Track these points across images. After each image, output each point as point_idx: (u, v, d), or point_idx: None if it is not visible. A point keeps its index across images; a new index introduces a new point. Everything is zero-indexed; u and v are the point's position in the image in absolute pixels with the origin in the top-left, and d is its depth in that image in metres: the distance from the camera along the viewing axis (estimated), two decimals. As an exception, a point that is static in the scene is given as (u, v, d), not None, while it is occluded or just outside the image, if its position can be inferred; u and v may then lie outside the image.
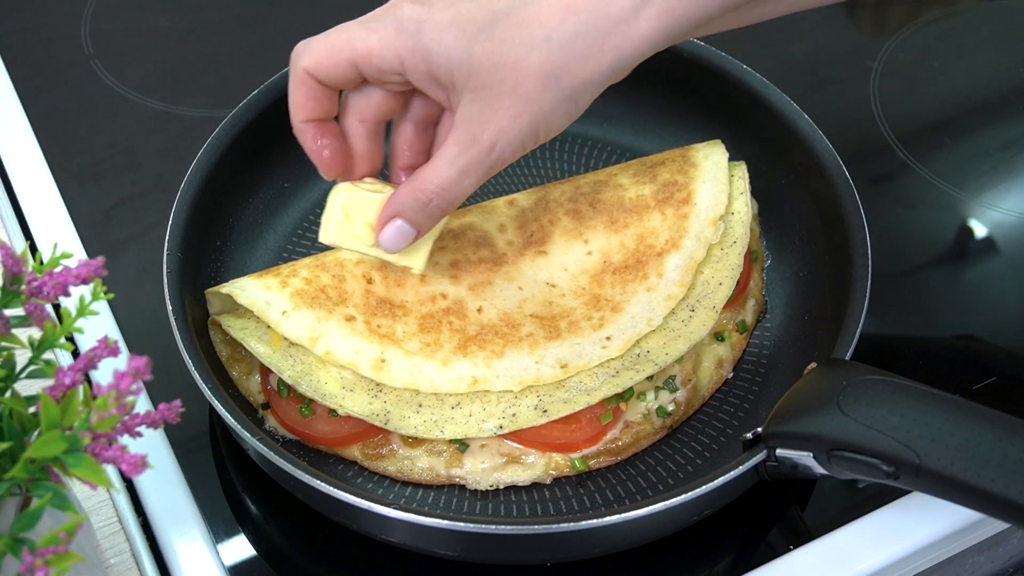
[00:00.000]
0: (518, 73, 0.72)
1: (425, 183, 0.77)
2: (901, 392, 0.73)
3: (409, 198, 0.78)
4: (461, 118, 0.74)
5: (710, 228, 0.93)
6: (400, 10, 0.73)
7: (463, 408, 0.86)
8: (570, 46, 0.71)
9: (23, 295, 0.64)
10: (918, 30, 1.22)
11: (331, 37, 0.77)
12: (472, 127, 0.74)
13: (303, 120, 0.80)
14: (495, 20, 0.71)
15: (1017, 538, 0.94)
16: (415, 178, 0.78)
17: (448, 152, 0.76)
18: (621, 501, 0.86)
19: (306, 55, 0.77)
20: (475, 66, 0.72)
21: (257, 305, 0.88)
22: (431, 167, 0.77)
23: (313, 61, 0.77)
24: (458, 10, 0.72)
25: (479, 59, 0.71)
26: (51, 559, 0.56)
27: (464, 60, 0.72)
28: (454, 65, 0.72)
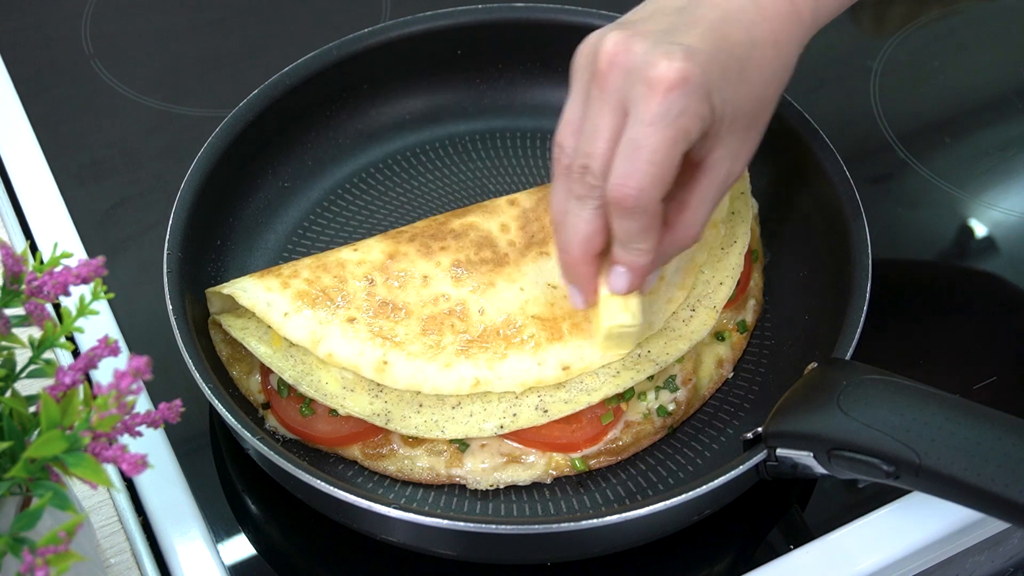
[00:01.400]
0: (762, 107, 0.80)
1: (690, 228, 0.80)
2: (901, 392, 0.73)
3: (676, 247, 0.81)
4: (717, 160, 0.78)
5: (711, 231, 0.93)
6: (688, 81, 0.72)
7: (464, 408, 0.86)
8: (786, 71, 0.81)
9: (23, 294, 0.64)
10: (918, 30, 1.22)
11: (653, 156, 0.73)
12: (728, 164, 0.78)
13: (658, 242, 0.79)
14: (744, 66, 0.76)
15: (1017, 538, 0.94)
16: (675, 228, 0.79)
17: (707, 192, 0.79)
18: (621, 501, 0.86)
19: (656, 190, 0.74)
20: (739, 111, 0.77)
21: (258, 306, 0.88)
22: (693, 212, 0.79)
23: (664, 187, 0.75)
24: (720, 63, 0.75)
25: (742, 103, 0.77)
26: (51, 558, 0.56)
27: (733, 108, 0.76)
28: (727, 114, 0.76)
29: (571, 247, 0.80)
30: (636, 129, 0.73)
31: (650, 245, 0.78)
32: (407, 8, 1.13)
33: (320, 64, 1.02)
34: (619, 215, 0.76)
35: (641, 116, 0.73)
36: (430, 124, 1.09)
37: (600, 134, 0.75)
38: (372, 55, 1.04)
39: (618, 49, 0.74)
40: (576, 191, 0.78)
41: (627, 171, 0.73)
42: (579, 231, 0.78)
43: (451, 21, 1.06)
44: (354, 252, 0.92)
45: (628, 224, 0.76)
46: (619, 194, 0.74)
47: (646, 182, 0.73)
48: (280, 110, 1.00)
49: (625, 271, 0.79)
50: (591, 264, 0.81)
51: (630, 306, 0.82)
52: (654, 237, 0.77)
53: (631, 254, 0.78)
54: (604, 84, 0.75)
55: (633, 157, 0.73)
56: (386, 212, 1.04)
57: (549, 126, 1.08)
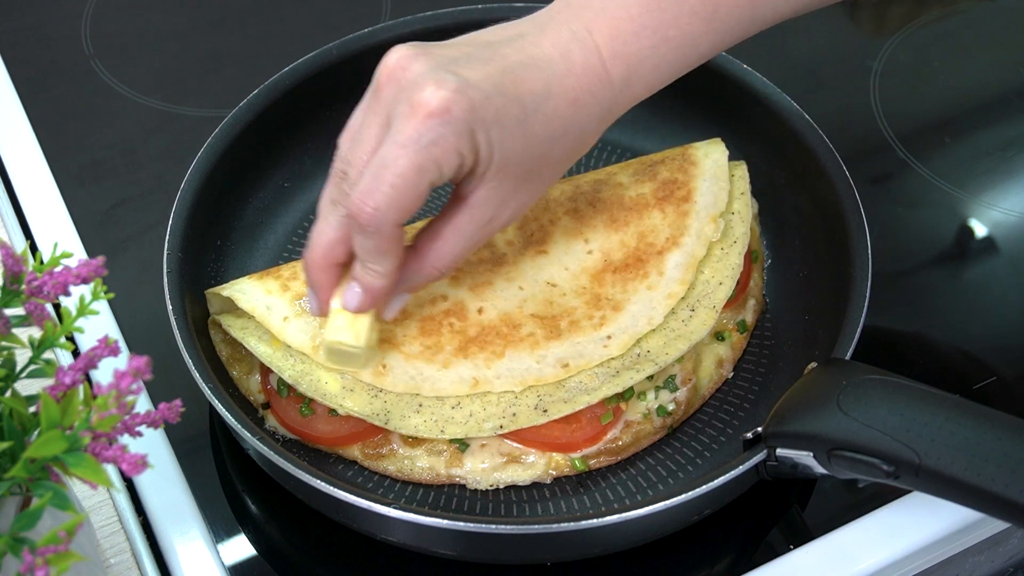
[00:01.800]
0: (543, 163, 0.78)
1: (439, 260, 0.79)
2: (901, 392, 0.73)
3: (420, 275, 0.80)
4: (481, 200, 0.76)
5: (710, 226, 0.93)
6: (450, 112, 0.71)
7: (463, 408, 0.86)
8: (580, 135, 0.78)
9: (23, 294, 0.64)
10: (918, 30, 1.22)
11: (395, 180, 0.72)
12: (493, 208, 0.77)
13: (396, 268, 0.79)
14: (526, 117, 0.75)
15: (1017, 538, 0.94)
16: (424, 256, 0.79)
17: (464, 229, 0.78)
18: (621, 501, 0.86)
19: (392, 212, 0.73)
20: (510, 159, 0.75)
21: (258, 310, 0.88)
22: (444, 243, 0.78)
23: (401, 212, 0.73)
24: (495, 105, 0.73)
25: (515, 153, 0.75)
26: (51, 558, 0.56)
27: (503, 154, 0.74)
28: (495, 158, 0.74)
29: (313, 250, 0.79)
30: (387, 148, 0.72)
31: (385, 268, 0.77)
32: (407, 8, 1.13)
33: (320, 64, 1.02)
34: (356, 230, 0.75)
35: (395, 136, 0.72)
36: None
37: (363, 145, 0.74)
38: (372, 55, 1.03)
39: (399, 64, 0.74)
40: (332, 195, 0.77)
41: (369, 188, 0.72)
42: (323, 235, 0.78)
43: (451, 21, 1.05)
44: (354, 252, 0.92)
45: (363, 241, 0.75)
46: (356, 209, 0.73)
47: (383, 203, 0.72)
48: (280, 110, 1.00)
49: (359, 290, 0.78)
50: (329, 272, 0.80)
51: (356, 326, 0.80)
52: (391, 261, 0.76)
53: (366, 273, 0.77)
54: (379, 95, 0.74)
55: (377, 175, 0.72)
56: (386, 212, 1.04)
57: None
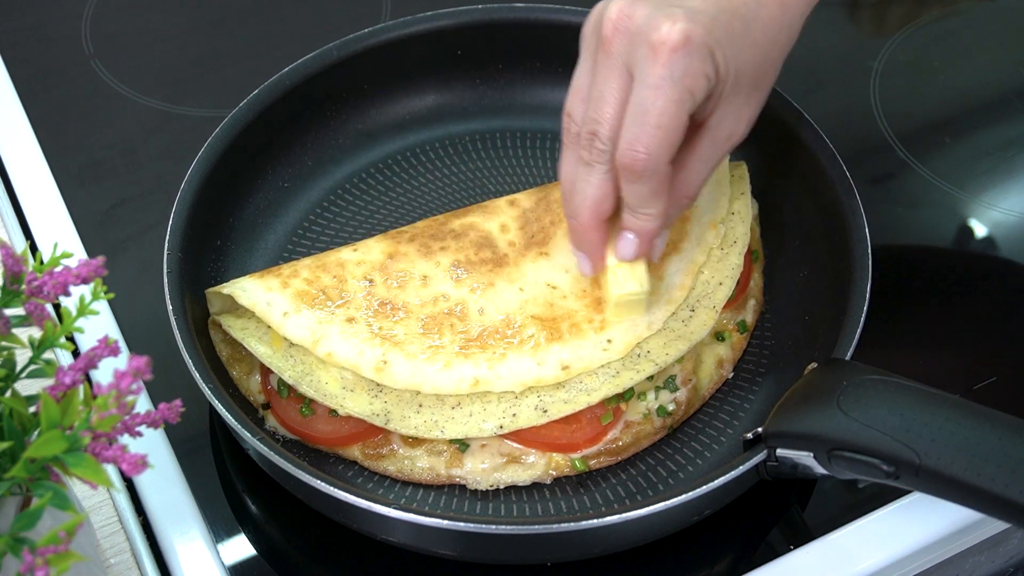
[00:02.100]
0: (766, 68, 0.80)
1: (690, 188, 0.81)
2: (901, 392, 0.73)
3: (676, 208, 0.82)
4: (718, 121, 0.79)
5: (710, 232, 0.93)
6: (691, 41, 0.73)
7: (463, 408, 0.86)
8: (791, 34, 0.80)
9: (23, 295, 0.64)
10: (918, 30, 1.22)
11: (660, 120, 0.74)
12: (730, 125, 0.79)
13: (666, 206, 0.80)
14: (748, 26, 0.77)
15: (1017, 538, 0.94)
16: (675, 188, 0.80)
17: (706, 153, 0.80)
18: (621, 501, 0.86)
19: (665, 152, 0.75)
20: (742, 71, 0.77)
21: (258, 306, 0.88)
22: (691, 172, 0.80)
23: (672, 149, 0.76)
24: (722, 23, 0.75)
25: (746, 63, 0.77)
26: (51, 558, 0.56)
27: (737, 67, 0.77)
28: (730, 73, 0.76)
29: (580, 213, 0.81)
30: (642, 93, 0.74)
31: (659, 209, 0.79)
32: (407, 8, 1.13)
33: (320, 64, 1.02)
34: (629, 179, 0.77)
35: (646, 79, 0.74)
36: (430, 124, 1.09)
37: (607, 100, 0.76)
38: (372, 55, 1.04)
39: (621, 15, 0.75)
40: (585, 157, 0.79)
41: (635, 135, 0.74)
42: (588, 196, 0.80)
43: (451, 21, 1.06)
44: (354, 252, 0.92)
45: (638, 188, 0.77)
46: (629, 159, 0.75)
47: (655, 145, 0.74)
48: (280, 110, 1.00)
49: (633, 237, 0.81)
50: (600, 230, 0.82)
51: (637, 273, 0.83)
52: (663, 201, 0.79)
53: (639, 219, 0.79)
54: (609, 50, 0.76)
55: (641, 121, 0.74)
56: (386, 212, 1.04)
57: (549, 126, 1.09)
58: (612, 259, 0.84)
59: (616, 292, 0.84)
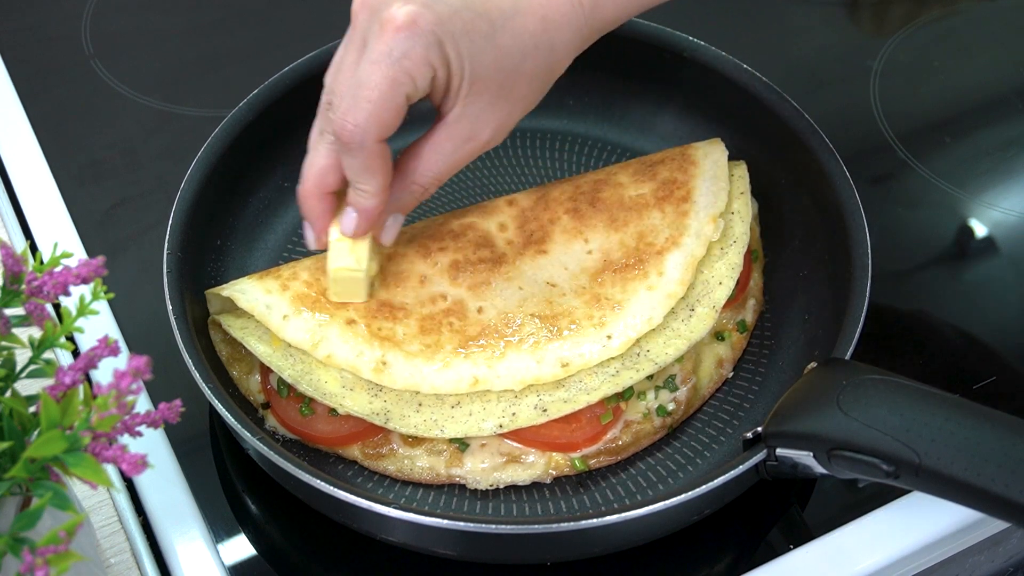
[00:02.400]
0: (515, 77, 0.79)
1: (421, 176, 0.82)
2: (901, 392, 0.73)
3: (406, 193, 0.83)
4: (457, 117, 0.80)
5: (710, 225, 0.93)
6: (417, 25, 0.74)
7: (463, 407, 0.86)
8: (551, 51, 0.80)
9: (23, 295, 0.64)
10: (918, 30, 1.22)
11: (371, 93, 0.76)
12: (470, 126, 0.80)
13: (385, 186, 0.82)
14: (494, 31, 0.77)
15: (1017, 538, 0.94)
16: (407, 174, 0.82)
17: (443, 146, 0.81)
18: (621, 501, 0.86)
19: (372, 126, 0.77)
20: (482, 72, 0.78)
21: (258, 309, 0.88)
22: (424, 161, 0.81)
23: (381, 126, 0.77)
24: (463, 19, 0.76)
25: (486, 66, 0.78)
26: (51, 558, 0.56)
27: (474, 67, 0.77)
28: (466, 72, 0.77)
29: (305, 179, 0.83)
30: (362, 67, 0.76)
31: (374, 187, 0.80)
32: (407, 8, 1.13)
33: (320, 64, 1.01)
34: (343, 151, 0.79)
35: (369, 55, 0.76)
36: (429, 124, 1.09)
37: (343, 72, 0.78)
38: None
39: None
40: (319, 125, 0.82)
41: (348, 106, 0.76)
42: (314, 164, 0.82)
43: (451, 21, 1.05)
44: (354, 252, 0.92)
45: (351, 160, 0.79)
46: (338, 127, 0.77)
47: (361, 118, 0.76)
48: (280, 110, 1.00)
49: (353, 212, 0.82)
50: (321, 200, 0.84)
51: (357, 250, 0.85)
52: (378, 179, 0.80)
53: (357, 194, 0.81)
54: (354, 23, 0.78)
55: (355, 94, 0.76)
56: (386, 212, 1.04)
57: (549, 126, 1.09)
58: (335, 233, 0.85)
59: (331, 266, 0.85)
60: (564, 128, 1.09)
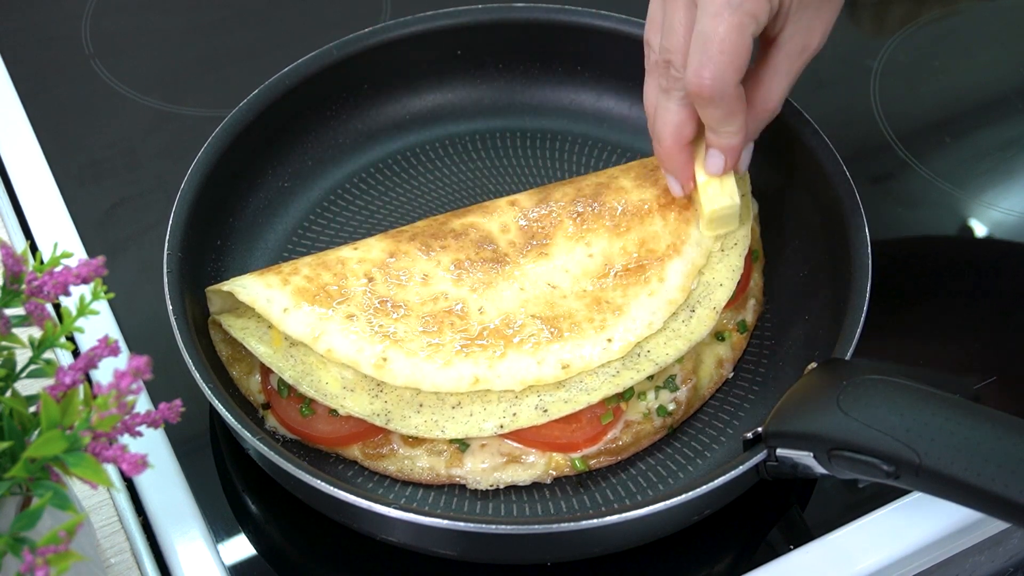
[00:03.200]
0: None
1: (769, 101, 0.85)
2: (901, 392, 0.73)
3: (758, 120, 0.86)
4: (791, 35, 0.82)
5: (710, 230, 0.93)
6: None
7: (464, 408, 0.86)
8: None
9: (23, 294, 0.64)
10: (918, 30, 1.22)
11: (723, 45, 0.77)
12: (802, 39, 0.82)
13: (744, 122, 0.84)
14: None
15: (1017, 538, 0.94)
16: (756, 103, 0.84)
17: (782, 67, 0.83)
18: (621, 501, 0.86)
19: (731, 75, 0.78)
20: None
21: (258, 302, 0.88)
22: (768, 87, 0.84)
23: (738, 72, 0.79)
24: None
25: None
26: (51, 558, 0.56)
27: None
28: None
29: (663, 137, 0.86)
30: (703, 21, 0.77)
31: (737, 126, 0.83)
32: (407, 8, 1.13)
33: (320, 64, 1.02)
34: (701, 104, 0.81)
35: (706, 7, 0.77)
36: (430, 124, 1.09)
37: (676, 29, 0.80)
38: (372, 55, 1.04)
39: None
40: (663, 85, 0.84)
41: (700, 62, 0.78)
42: (668, 122, 0.85)
43: (451, 21, 1.06)
44: (354, 251, 0.92)
45: (712, 111, 0.81)
46: (696, 86, 0.79)
47: (719, 70, 0.78)
48: (280, 110, 1.00)
49: (719, 153, 0.85)
50: (684, 151, 0.87)
51: (727, 188, 0.88)
52: (740, 118, 0.82)
53: (722, 137, 0.84)
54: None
55: (704, 49, 0.78)
56: (386, 212, 1.04)
57: (549, 126, 1.09)
58: (702, 176, 0.88)
59: (709, 208, 0.89)
60: (564, 128, 1.09)
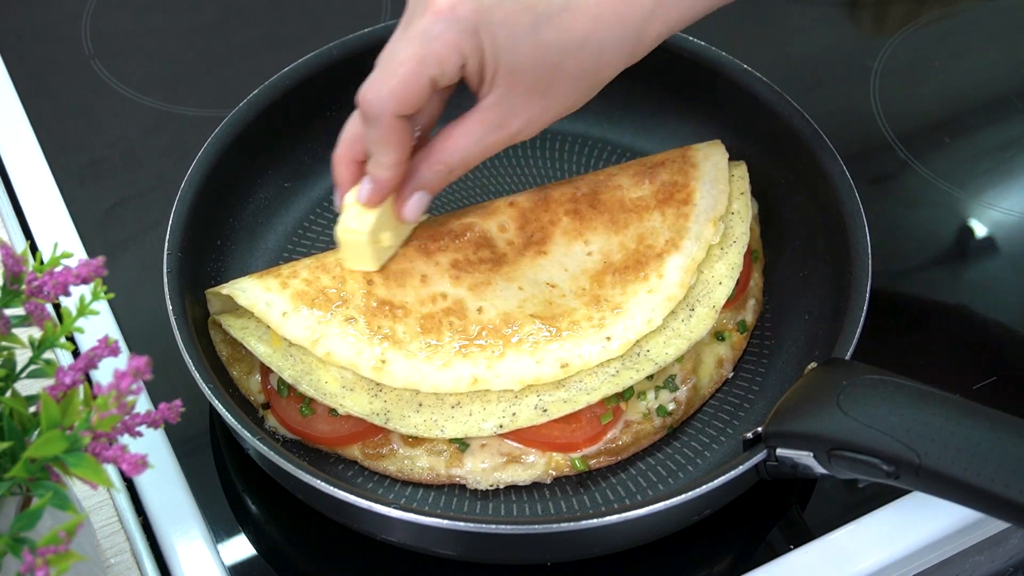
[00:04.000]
0: (555, 74, 0.78)
1: (448, 156, 0.82)
2: (901, 392, 0.73)
3: (431, 172, 0.83)
4: (491, 104, 0.79)
5: (710, 229, 0.93)
6: (455, 11, 0.75)
7: (463, 407, 0.86)
8: (599, 53, 0.78)
9: (23, 295, 0.64)
10: (918, 30, 1.22)
11: (397, 69, 0.77)
12: (502, 114, 0.80)
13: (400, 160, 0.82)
14: (538, 24, 0.76)
15: (1017, 538, 0.94)
16: (433, 152, 0.82)
17: (474, 130, 0.81)
18: (621, 501, 0.86)
19: (390, 101, 0.78)
20: (519, 65, 0.77)
21: (257, 306, 0.88)
22: (452, 141, 0.82)
23: (400, 102, 0.78)
24: (505, 9, 0.75)
25: (523, 59, 0.77)
26: (51, 558, 0.56)
27: (511, 59, 0.77)
28: (501, 62, 0.77)
29: (337, 145, 0.85)
30: (396, 42, 0.78)
31: (392, 160, 0.81)
32: (407, 8, 1.13)
33: (320, 64, 1.02)
34: (363, 121, 0.80)
35: (406, 31, 0.77)
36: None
37: (385, 46, 0.79)
38: (372, 55, 1.04)
39: None
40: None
41: (374, 78, 0.78)
42: (346, 132, 0.85)
43: (451, 21, 1.05)
44: (354, 252, 0.92)
45: (369, 131, 0.80)
46: (360, 97, 0.78)
47: (383, 92, 0.77)
48: (280, 110, 1.00)
49: (369, 183, 0.83)
50: (349, 167, 0.85)
51: (364, 215, 0.85)
52: (394, 153, 0.81)
53: (373, 165, 0.82)
54: (408, 4, 0.79)
55: (383, 66, 0.78)
56: (386, 212, 1.04)
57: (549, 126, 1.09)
58: (351, 197, 0.85)
59: (339, 226, 0.86)
60: (564, 128, 1.09)
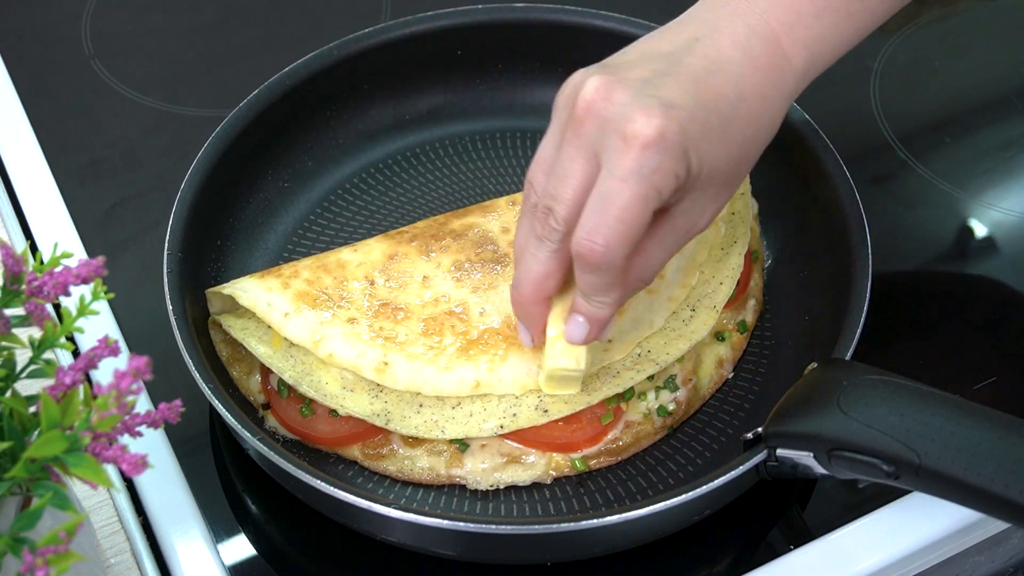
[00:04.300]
0: (743, 166, 0.78)
1: (644, 272, 0.77)
2: (901, 392, 0.73)
3: (630, 291, 0.79)
4: (684, 210, 0.76)
5: (711, 230, 0.93)
6: (665, 139, 0.70)
7: (464, 408, 0.86)
8: (771, 127, 0.78)
9: (23, 295, 0.64)
10: (918, 30, 1.22)
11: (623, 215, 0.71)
12: (692, 218, 0.77)
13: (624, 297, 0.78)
14: (727, 123, 0.74)
15: (1017, 538, 0.94)
16: (631, 270, 0.76)
17: (665, 240, 0.77)
18: (621, 501, 0.86)
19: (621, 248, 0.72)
20: (717, 168, 0.74)
21: (259, 307, 0.88)
22: (647, 257, 0.76)
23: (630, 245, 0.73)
24: (699, 120, 0.72)
25: (720, 161, 0.74)
26: (51, 558, 0.56)
27: (712, 165, 0.74)
28: (704, 171, 0.73)
29: (523, 286, 0.79)
30: (607, 184, 0.71)
31: (613, 299, 0.77)
32: (407, 8, 1.13)
33: (320, 64, 1.02)
34: (583, 269, 0.74)
35: (613, 170, 0.71)
36: (430, 124, 1.09)
37: (569, 180, 0.73)
38: (372, 55, 1.04)
39: (597, 96, 0.72)
40: (537, 231, 0.76)
41: (595, 225, 0.71)
42: (532, 272, 0.78)
43: (451, 21, 1.06)
44: (354, 252, 0.92)
45: (592, 279, 0.75)
46: (585, 249, 0.72)
47: (613, 239, 0.71)
48: (280, 110, 1.00)
49: (584, 322, 0.78)
50: (541, 305, 0.80)
51: (575, 350, 0.80)
52: (617, 291, 0.76)
53: (593, 306, 0.77)
54: (579, 129, 0.73)
55: (602, 212, 0.71)
56: (386, 212, 1.04)
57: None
58: (553, 329, 0.80)
59: (549, 365, 0.81)
60: (564, 128, 1.09)
